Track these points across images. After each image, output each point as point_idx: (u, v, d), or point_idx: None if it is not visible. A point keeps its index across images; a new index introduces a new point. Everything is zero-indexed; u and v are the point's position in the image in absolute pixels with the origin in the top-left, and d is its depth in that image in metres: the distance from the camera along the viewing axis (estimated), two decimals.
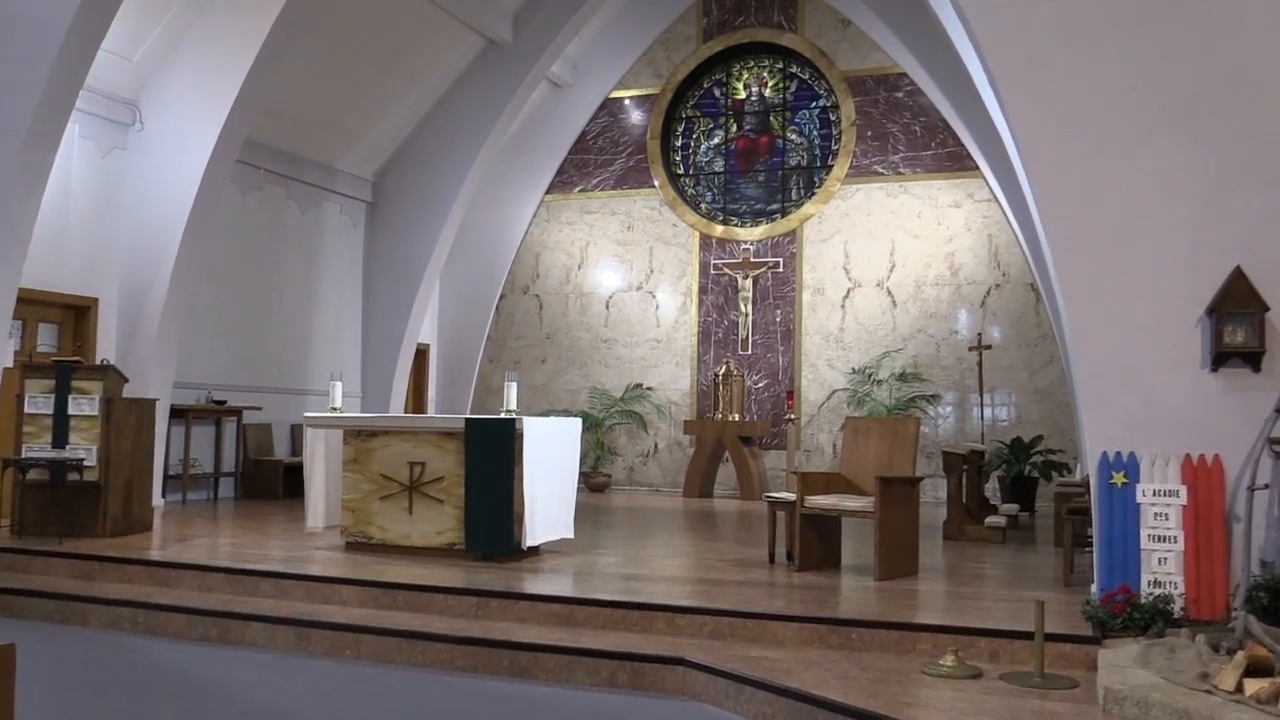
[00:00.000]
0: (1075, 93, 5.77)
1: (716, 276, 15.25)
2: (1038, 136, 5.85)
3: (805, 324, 14.75)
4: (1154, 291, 5.65)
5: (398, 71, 13.21)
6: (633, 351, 15.56)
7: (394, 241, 14.07)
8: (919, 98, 14.18)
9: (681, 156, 15.99)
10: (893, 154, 14.54)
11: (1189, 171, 5.60)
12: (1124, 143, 5.69)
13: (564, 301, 15.99)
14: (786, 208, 15.33)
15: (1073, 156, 5.78)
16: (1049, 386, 13.60)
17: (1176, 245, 5.62)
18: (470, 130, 13.76)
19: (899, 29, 11.81)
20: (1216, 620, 5.45)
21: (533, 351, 16.06)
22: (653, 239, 15.63)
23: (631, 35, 15.72)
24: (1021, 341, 13.80)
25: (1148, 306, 5.66)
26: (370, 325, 14.14)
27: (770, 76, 15.65)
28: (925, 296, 14.24)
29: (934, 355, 14.13)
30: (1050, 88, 5.81)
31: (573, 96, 15.88)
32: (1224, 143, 5.56)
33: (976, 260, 14.07)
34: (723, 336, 15.18)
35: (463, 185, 13.75)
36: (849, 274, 14.61)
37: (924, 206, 14.33)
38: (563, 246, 16.09)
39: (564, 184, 16.12)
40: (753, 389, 14.84)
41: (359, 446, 8.08)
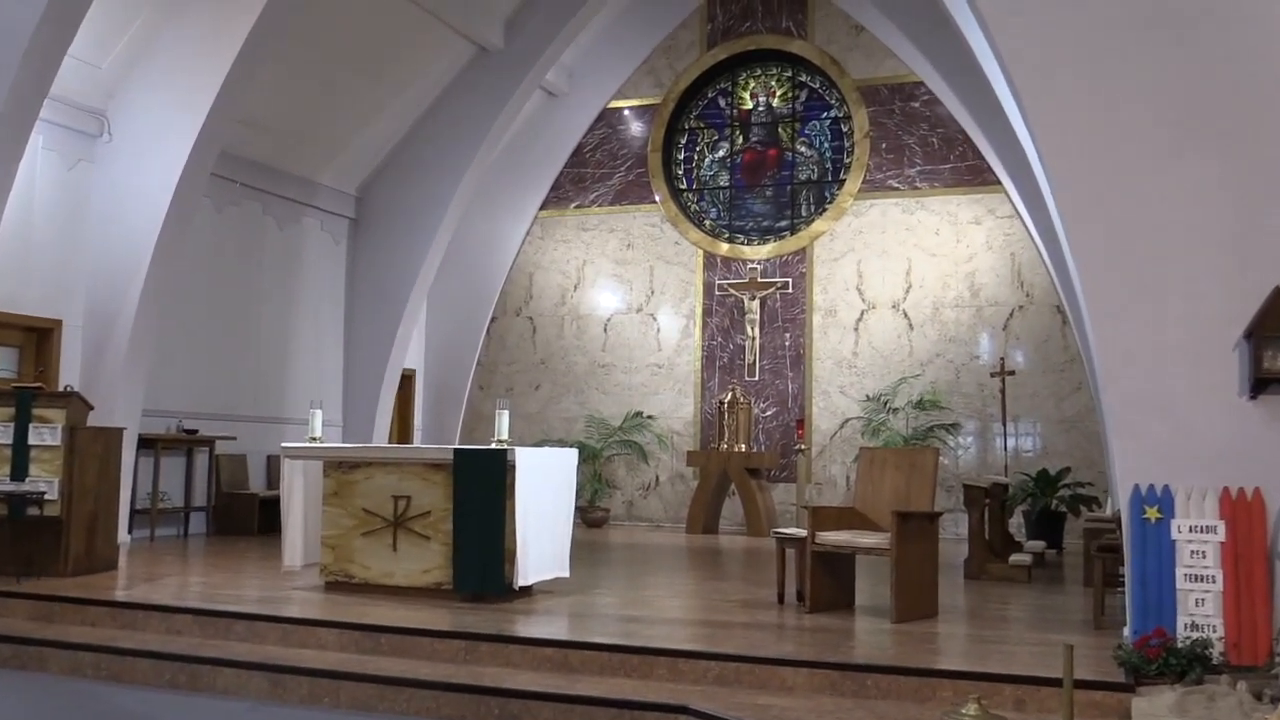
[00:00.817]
0: (1102, 103, 5.79)
1: (721, 298, 15.27)
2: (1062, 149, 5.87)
3: (816, 348, 14.75)
4: (1188, 314, 5.65)
5: (383, 80, 13.28)
6: (632, 378, 15.55)
7: (378, 260, 14.09)
8: (936, 108, 14.24)
9: (684, 170, 16.05)
10: (909, 167, 14.59)
11: (1224, 187, 5.62)
12: (1155, 157, 5.71)
13: (559, 324, 16.00)
14: (796, 225, 15.37)
15: (1100, 171, 5.79)
16: (1077, 415, 13.59)
17: (1212, 265, 5.62)
18: (460, 142, 13.81)
19: (915, 35, 11.89)
20: (1259, 666, 5.41)
21: (526, 377, 16.05)
22: (653, 258, 15.66)
23: (631, 42, 15.81)
24: (1047, 367, 13.80)
25: (1182, 330, 5.66)
26: (352, 349, 14.14)
27: (778, 86, 15.73)
28: (944, 319, 14.25)
29: (953, 382, 14.13)
30: (1076, 98, 5.84)
31: (569, 106, 15.94)
32: (1261, 157, 5.58)
33: (998, 280, 14.09)
34: (728, 361, 15.18)
35: (452, 200, 13.79)
36: (863, 295, 14.63)
37: (942, 223, 14.37)
38: (558, 266, 16.11)
39: (559, 199, 16.17)
40: (760, 418, 14.83)
41: (340, 479, 8.06)
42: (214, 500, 12.33)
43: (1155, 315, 5.69)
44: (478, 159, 13.83)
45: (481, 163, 14.01)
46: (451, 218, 13.95)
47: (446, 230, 13.98)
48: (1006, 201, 13.72)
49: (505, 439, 7.94)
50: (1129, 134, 5.75)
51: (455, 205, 13.89)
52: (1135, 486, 5.75)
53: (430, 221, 13.82)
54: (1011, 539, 10.35)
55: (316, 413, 8.86)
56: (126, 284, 10.23)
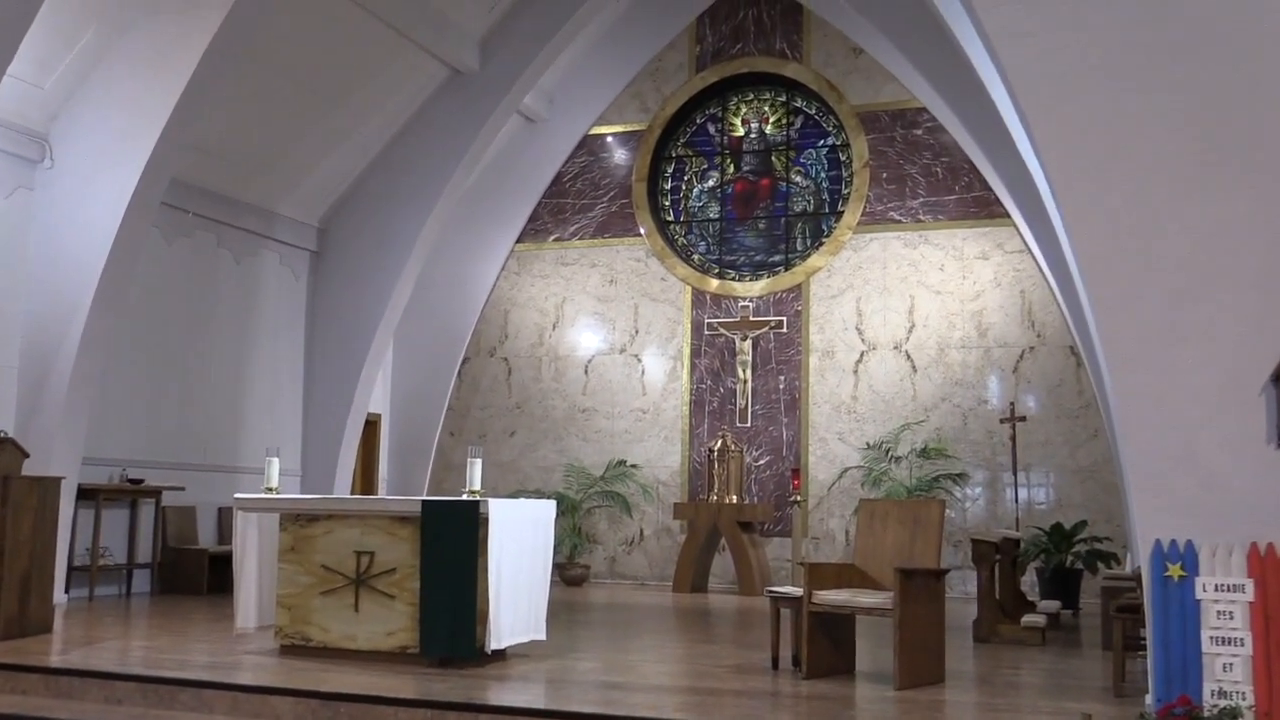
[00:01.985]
0: (1119, 131, 5.83)
1: (711, 338, 15.30)
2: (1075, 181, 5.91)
3: (813, 392, 14.77)
4: (1212, 356, 5.67)
5: (348, 104, 13.34)
6: (615, 423, 15.53)
7: (342, 296, 14.08)
8: (940, 136, 14.38)
9: (671, 201, 16.13)
10: (911, 199, 14.70)
11: (1250, 221, 5.65)
12: (1175, 189, 5.74)
13: (536, 366, 15.99)
14: (791, 260, 15.45)
15: (1116, 203, 5.83)
16: (1093, 465, 13.62)
17: (1237, 304, 5.65)
18: (430, 170, 13.86)
19: (917, 58, 12.01)
20: None
21: (500, 423, 16.01)
22: (638, 295, 15.70)
23: (615, 64, 15.94)
24: (1061, 413, 13.85)
25: (1205, 373, 5.68)
26: (313, 392, 14.09)
27: (772, 111, 15.86)
28: (950, 361, 14.31)
29: (960, 428, 14.15)
30: (1089, 125, 5.88)
31: (548, 133, 16.04)
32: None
33: (1008, 320, 14.16)
34: (718, 406, 15.18)
35: (421, 232, 13.81)
36: (862, 335, 14.68)
37: (947, 258, 14.46)
38: (535, 303, 16.13)
39: (537, 232, 16.21)
40: (753, 467, 14.81)
41: (298, 533, 8.00)
42: (160, 556, 12.22)
43: (1176, 358, 5.71)
44: (450, 188, 13.87)
45: (454, 192, 14.05)
46: (421, 251, 13.97)
47: (415, 264, 13.99)
48: (1016, 235, 13.82)
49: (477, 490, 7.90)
50: (1147, 165, 5.79)
51: (425, 238, 13.91)
52: (1156, 542, 5.74)
53: (398, 255, 13.84)
54: (1024, 598, 10.33)
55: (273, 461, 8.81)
56: (67, 320, 10.19)
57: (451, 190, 13.94)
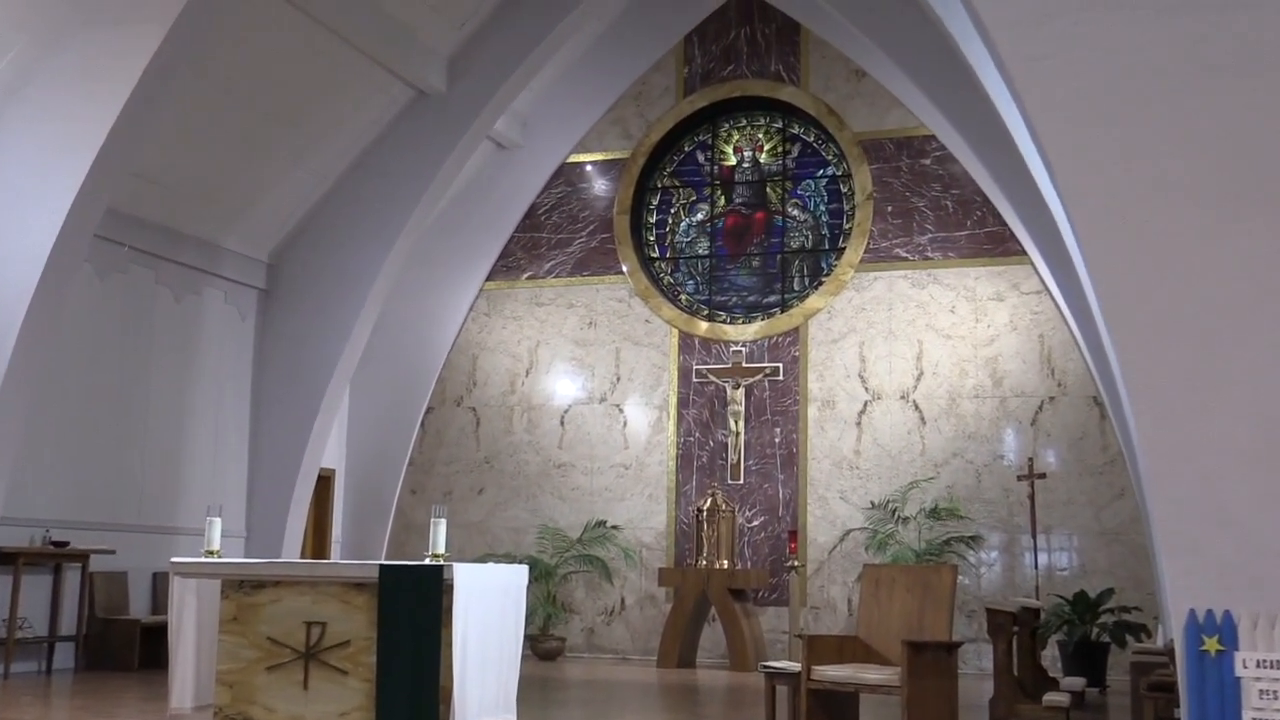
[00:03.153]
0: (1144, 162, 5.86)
1: (700, 386, 15.30)
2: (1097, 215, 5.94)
3: (811, 446, 14.77)
4: (1250, 406, 5.68)
5: (302, 127, 13.37)
6: (594, 480, 15.49)
7: (293, 339, 14.04)
8: (950, 165, 14.49)
9: (656, 236, 16.19)
10: (919, 234, 14.79)
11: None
12: (1207, 224, 5.77)
13: (507, 416, 15.96)
14: (787, 300, 15.49)
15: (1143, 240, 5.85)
16: (1120, 526, 13.63)
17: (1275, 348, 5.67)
18: (392, 201, 13.88)
19: (925, 82, 12.11)
20: None
21: (467, 479, 15.95)
22: (620, 338, 15.71)
23: (595, 87, 16.04)
24: (1084, 469, 13.86)
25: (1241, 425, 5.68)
26: (260, 445, 14.02)
27: (767, 138, 15.96)
28: (962, 412, 14.33)
29: (974, 486, 14.15)
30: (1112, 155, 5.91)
31: (521, 161, 16.10)
32: None
33: (1025, 367, 14.21)
34: (707, 461, 15.16)
35: (381, 269, 13.80)
36: (866, 384, 14.70)
37: (958, 300, 14.52)
38: (507, 347, 16.12)
39: (509, 269, 16.23)
40: (746, 528, 14.77)
41: (241, 601, 7.94)
42: (86, 628, 12.09)
43: (1209, 408, 5.72)
44: (413, 221, 13.88)
45: (417, 225, 14.07)
46: (381, 289, 13.96)
47: (374, 304, 13.97)
48: (1033, 274, 13.90)
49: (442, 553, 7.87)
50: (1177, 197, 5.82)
51: (386, 275, 13.90)
52: (1191, 612, 5.72)
53: (356, 294, 13.82)
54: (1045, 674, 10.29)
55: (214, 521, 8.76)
56: None
57: (415, 223, 13.95)
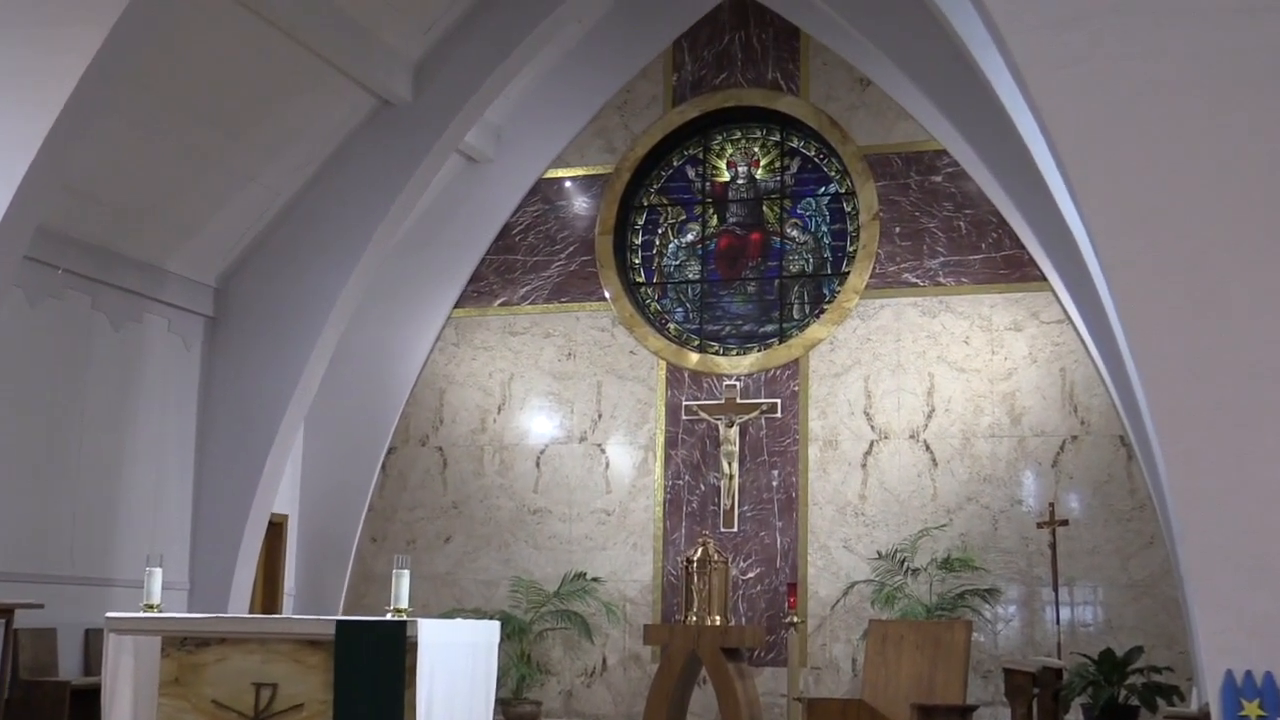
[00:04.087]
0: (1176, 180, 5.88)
1: (690, 424, 15.29)
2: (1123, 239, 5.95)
3: (812, 490, 14.75)
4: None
5: (254, 139, 13.37)
6: (572, 528, 15.44)
7: (243, 370, 14.00)
8: (964, 183, 14.54)
9: (642, 259, 16.19)
10: (929, 258, 14.82)
11: None
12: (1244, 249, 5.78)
13: (477, 457, 15.92)
14: (786, 330, 15.50)
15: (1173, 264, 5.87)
16: (1149, 578, 13.62)
17: None
18: (352, 220, 13.88)
19: (935, 91, 12.17)
20: None
21: (433, 526, 15.89)
22: (602, 371, 15.70)
23: (575, 96, 16.07)
24: (1110, 515, 13.86)
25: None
26: (205, 487, 13.95)
27: (763, 153, 16.01)
28: (977, 453, 14.33)
29: (990, 534, 14.13)
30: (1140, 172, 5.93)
31: (494, 176, 16.11)
32: None
33: (1045, 403, 14.23)
34: (698, 507, 15.13)
35: (340, 295, 13.78)
36: (872, 421, 14.70)
37: (973, 329, 14.55)
38: (477, 381, 16.10)
39: (480, 294, 16.23)
40: (740, 581, 14.73)
41: (183, 661, 7.89)
42: (9, 691, 11.98)
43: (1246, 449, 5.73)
44: (375, 242, 13.88)
45: (380, 246, 14.06)
46: (339, 317, 13.93)
47: (332, 333, 13.94)
48: (1054, 302, 13.94)
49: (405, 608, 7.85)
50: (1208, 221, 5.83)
51: (344, 301, 13.88)
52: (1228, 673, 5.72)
53: (312, 322, 13.80)
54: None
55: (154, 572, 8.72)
56: None
57: (377, 244, 13.95)
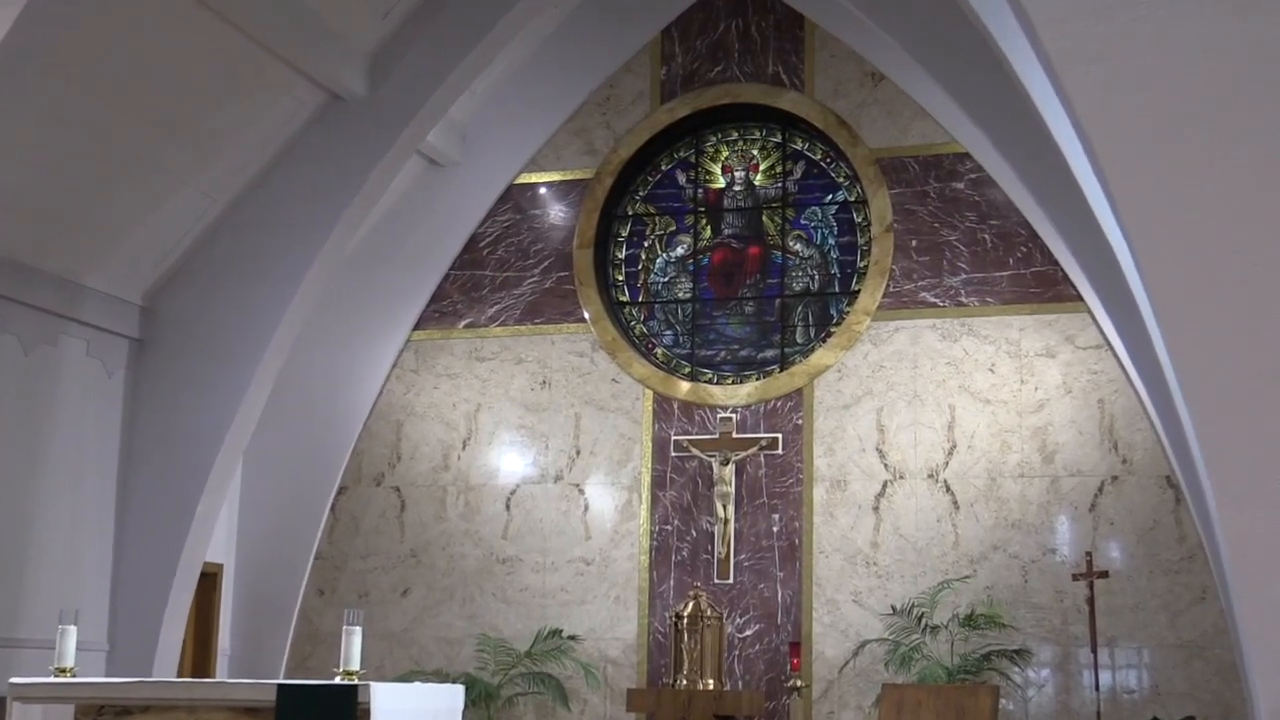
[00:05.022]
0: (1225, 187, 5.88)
1: (680, 461, 15.26)
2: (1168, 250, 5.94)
3: (818, 536, 14.72)
4: None
5: (186, 139, 13.32)
6: (547, 578, 15.39)
7: (173, 400, 13.94)
8: (988, 190, 14.57)
9: (626, 275, 16.19)
10: (950, 274, 14.83)
11: None
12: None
13: (439, 499, 15.87)
14: (788, 356, 15.49)
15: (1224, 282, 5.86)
16: (1200, 637, 13.60)
17: None
18: (299, 230, 13.83)
19: (956, 87, 12.18)
20: None
21: (388, 578, 15.83)
22: (580, 402, 15.68)
23: (551, 91, 16.09)
24: (1156, 566, 13.85)
25: None
26: (128, 533, 13.86)
27: (763, 156, 16.03)
28: (1004, 495, 14.32)
29: (1019, 587, 14.11)
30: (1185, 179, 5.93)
31: (460, 181, 16.12)
32: None
33: (1082, 439, 14.22)
34: (688, 556, 15.09)
35: (284, 314, 13.72)
36: (885, 459, 14.69)
37: (999, 355, 14.55)
38: (439, 412, 16.06)
39: (443, 315, 16.21)
40: (736, 639, 14.69)
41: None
42: None
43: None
44: (324, 254, 13.83)
45: (330, 259, 14.01)
46: (283, 339, 13.87)
47: (275, 358, 13.88)
48: (1091, 325, 13.95)
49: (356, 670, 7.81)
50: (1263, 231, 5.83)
51: (290, 321, 13.82)
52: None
53: (252, 345, 13.73)
54: None
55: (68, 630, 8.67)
56: None
57: (327, 257, 13.90)
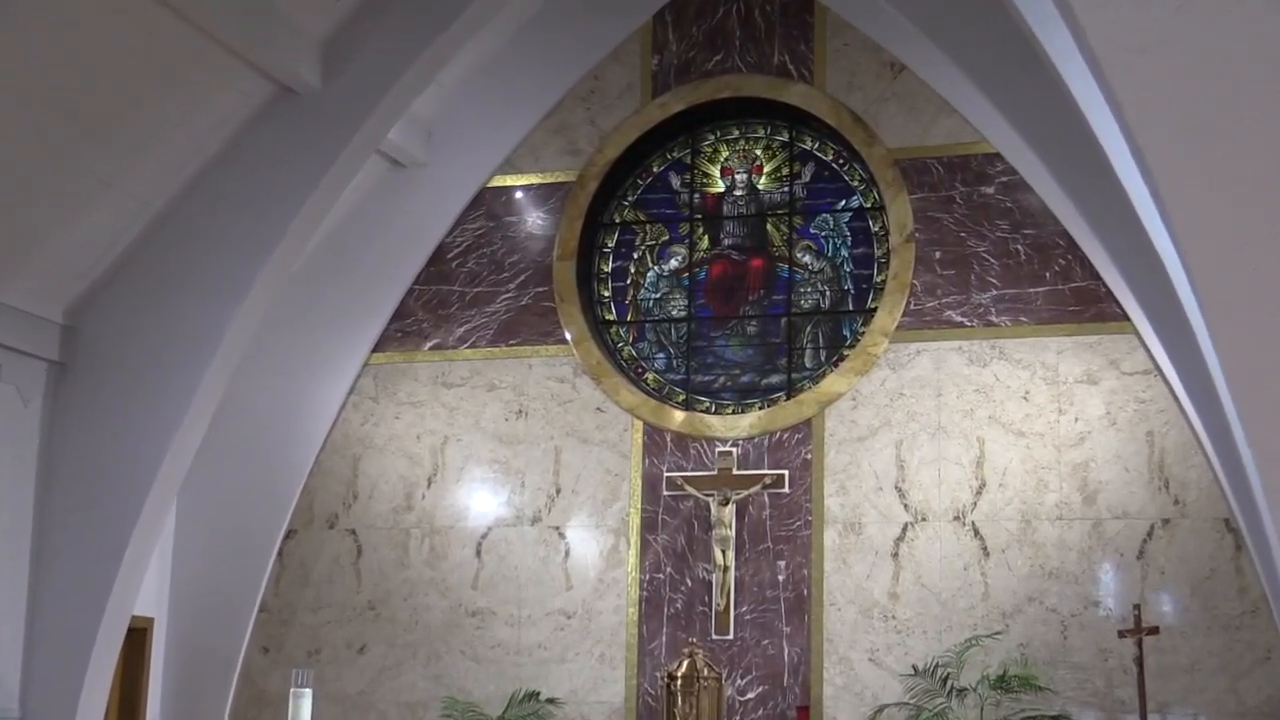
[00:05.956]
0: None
1: (673, 501, 15.20)
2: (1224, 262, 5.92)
3: (829, 587, 14.66)
4: None
5: (115, 136, 13.26)
6: (523, 634, 15.32)
7: (98, 432, 13.85)
8: (1022, 195, 14.53)
9: (614, 291, 16.15)
10: (979, 291, 14.79)
11: None
12: None
13: (401, 544, 15.81)
14: (796, 382, 15.45)
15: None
16: (1265, 703, 13.54)
17: None
18: (243, 239, 13.76)
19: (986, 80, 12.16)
20: None
21: (343, 633, 15.77)
22: (561, 433, 15.62)
23: (528, 85, 16.08)
24: (1214, 622, 13.79)
25: None
26: (45, 584, 13.76)
27: (767, 157, 16.00)
28: (1040, 540, 14.26)
29: (1058, 644, 14.05)
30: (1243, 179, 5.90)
31: (425, 185, 16.10)
32: None
33: (1128, 477, 14.17)
34: (683, 608, 15.02)
35: (225, 335, 13.65)
36: (905, 499, 14.63)
37: (1034, 382, 14.51)
38: (401, 445, 16.01)
39: (406, 335, 16.16)
40: (738, 702, 14.64)
41: None
42: None
43: None
44: (271, 267, 13.76)
45: (277, 273, 13.95)
46: (224, 363, 13.80)
47: (215, 383, 13.80)
48: (1139, 347, 13.92)
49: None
50: None
51: (231, 342, 13.74)
52: None
53: (188, 369, 13.65)
54: None
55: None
56: None
57: (275, 269, 13.82)
